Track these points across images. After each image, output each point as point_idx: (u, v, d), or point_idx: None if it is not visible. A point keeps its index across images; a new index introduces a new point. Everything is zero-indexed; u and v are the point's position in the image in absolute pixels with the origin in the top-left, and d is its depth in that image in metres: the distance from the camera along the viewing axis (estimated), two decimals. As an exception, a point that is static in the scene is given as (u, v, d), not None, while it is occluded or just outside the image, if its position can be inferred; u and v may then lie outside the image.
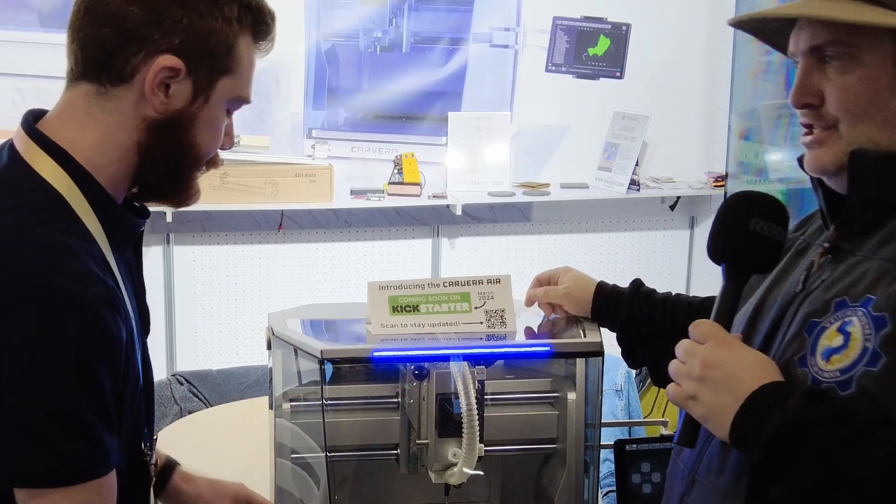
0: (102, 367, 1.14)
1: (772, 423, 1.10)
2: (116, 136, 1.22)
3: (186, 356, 4.01)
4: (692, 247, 4.47)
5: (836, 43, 1.20)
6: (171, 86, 1.22)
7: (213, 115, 1.28)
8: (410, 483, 1.87)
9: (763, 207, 1.27)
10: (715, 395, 1.15)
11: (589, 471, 1.80)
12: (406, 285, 1.70)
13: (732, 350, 1.18)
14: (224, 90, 1.27)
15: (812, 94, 1.23)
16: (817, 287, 1.23)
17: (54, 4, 3.73)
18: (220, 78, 1.25)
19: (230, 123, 1.34)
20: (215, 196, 3.71)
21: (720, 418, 1.15)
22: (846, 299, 1.17)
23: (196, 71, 1.23)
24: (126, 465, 1.25)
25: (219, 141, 1.31)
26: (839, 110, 1.21)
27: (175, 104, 1.23)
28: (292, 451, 1.81)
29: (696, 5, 4.25)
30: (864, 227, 1.22)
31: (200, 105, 1.25)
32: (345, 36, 4.02)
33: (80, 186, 1.20)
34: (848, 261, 1.22)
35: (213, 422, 2.93)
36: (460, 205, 3.95)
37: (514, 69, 4.18)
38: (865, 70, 1.18)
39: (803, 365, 1.18)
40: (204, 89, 1.25)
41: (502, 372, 1.88)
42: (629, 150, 4.10)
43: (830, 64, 1.21)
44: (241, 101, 1.32)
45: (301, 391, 1.81)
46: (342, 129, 4.08)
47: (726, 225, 1.29)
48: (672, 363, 1.22)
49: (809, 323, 1.20)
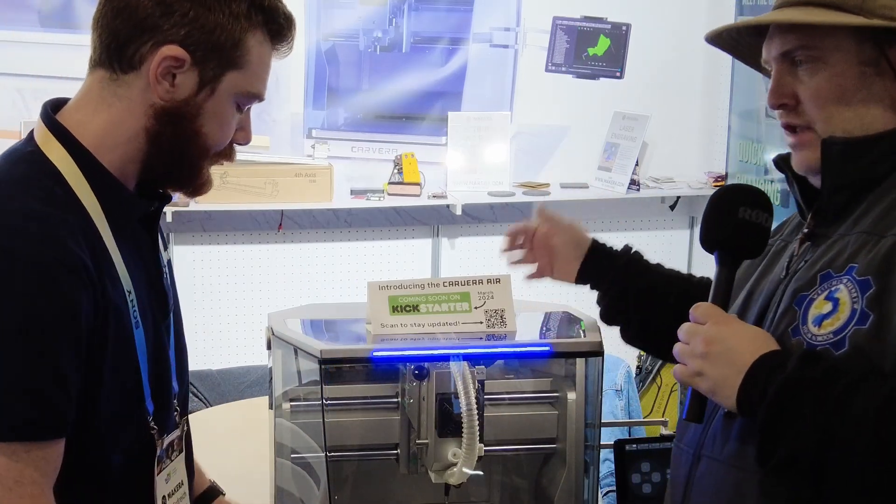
0: (55, 330, 1.18)
1: (773, 386, 1.18)
2: (125, 121, 1.29)
3: (186, 356, 4.01)
4: (692, 247, 4.47)
5: (804, 47, 1.31)
6: (176, 76, 1.27)
7: (220, 108, 1.32)
8: (410, 483, 1.87)
9: (749, 197, 1.35)
10: (718, 369, 1.23)
11: (589, 471, 1.80)
12: (406, 285, 1.70)
13: (730, 326, 1.26)
14: (232, 84, 1.31)
15: (787, 95, 1.34)
16: (801, 268, 1.31)
17: (54, 4, 3.73)
18: (227, 72, 1.30)
19: (247, 119, 1.39)
20: (215, 196, 3.70)
21: (726, 389, 1.22)
22: (830, 271, 1.26)
23: (202, 63, 1.28)
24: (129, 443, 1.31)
25: (227, 134, 1.35)
26: (814, 109, 1.31)
27: (181, 94, 1.29)
28: (292, 451, 1.81)
29: (696, 5, 4.25)
30: (837, 210, 1.31)
31: (206, 96, 1.30)
32: (345, 36, 4.02)
33: (80, 165, 1.27)
34: (826, 243, 1.31)
35: (213, 422, 2.94)
36: (460, 205, 3.95)
37: (514, 69, 4.18)
38: (833, 69, 1.29)
39: (797, 335, 1.26)
40: (210, 81, 1.29)
41: (502, 372, 1.88)
42: (629, 150, 4.10)
43: (801, 67, 1.32)
44: (253, 98, 1.36)
45: (301, 391, 1.81)
46: (342, 129, 4.08)
47: (717, 214, 1.37)
48: (676, 345, 1.29)
49: (798, 297, 1.29)
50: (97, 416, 1.26)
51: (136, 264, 1.32)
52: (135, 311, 1.30)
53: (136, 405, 1.33)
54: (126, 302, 1.28)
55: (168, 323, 1.43)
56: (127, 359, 1.29)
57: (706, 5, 4.24)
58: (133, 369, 1.31)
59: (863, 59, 1.28)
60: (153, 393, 1.35)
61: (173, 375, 1.44)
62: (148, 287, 1.36)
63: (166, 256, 1.47)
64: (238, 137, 1.38)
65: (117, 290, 1.27)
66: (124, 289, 1.28)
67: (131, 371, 1.30)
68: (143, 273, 1.35)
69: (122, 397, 1.30)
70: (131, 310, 1.29)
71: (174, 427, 1.43)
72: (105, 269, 1.25)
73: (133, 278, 1.30)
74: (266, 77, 1.37)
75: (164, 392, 1.39)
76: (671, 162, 4.31)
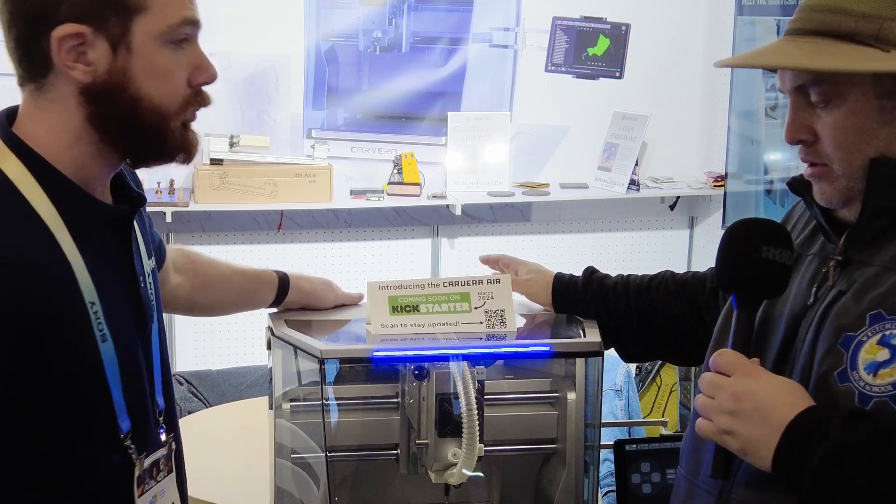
0: None
1: (818, 452, 1.10)
2: (65, 120, 1.23)
3: (186, 356, 4.01)
4: (691, 247, 4.48)
5: (819, 82, 1.22)
6: (87, 52, 1.20)
7: (150, 61, 1.22)
8: (410, 483, 1.87)
9: (771, 235, 1.28)
10: (750, 428, 1.16)
11: (589, 471, 1.80)
12: (406, 285, 1.70)
13: (759, 379, 1.18)
14: (146, 30, 1.21)
15: (804, 130, 1.25)
16: (835, 298, 1.24)
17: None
18: (133, 20, 1.20)
19: (197, 55, 1.27)
20: (215, 196, 3.72)
21: (760, 450, 1.15)
22: (881, 312, 1.17)
23: (102, 26, 1.19)
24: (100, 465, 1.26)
25: (175, 85, 1.25)
26: (833, 149, 1.23)
27: (100, 67, 1.20)
28: (292, 451, 1.81)
29: (696, 5, 4.26)
30: (875, 235, 1.23)
31: (126, 57, 1.21)
32: (344, 36, 4.02)
33: (34, 173, 1.21)
34: (865, 271, 1.23)
35: (212, 422, 2.94)
36: (460, 205, 3.95)
37: (514, 69, 4.19)
38: (850, 105, 1.21)
39: (845, 380, 1.18)
40: (120, 39, 1.20)
41: (502, 372, 1.88)
42: (629, 150, 4.10)
43: (816, 101, 1.23)
44: (181, 28, 1.23)
45: (301, 391, 1.81)
46: (342, 129, 4.08)
47: (737, 254, 1.29)
48: (698, 398, 1.22)
49: (844, 337, 1.20)
50: (44, 441, 1.21)
51: (106, 273, 1.26)
52: (100, 323, 1.23)
53: (105, 423, 1.27)
54: (87, 314, 1.22)
55: (149, 334, 1.36)
56: (88, 374, 1.23)
57: (706, 5, 4.24)
58: (98, 385, 1.24)
59: (881, 93, 1.20)
60: (129, 409, 1.29)
61: (158, 390, 1.38)
62: (123, 296, 1.30)
63: (151, 265, 1.40)
64: (197, 78, 1.26)
65: (75, 302, 1.21)
66: (85, 300, 1.22)
67: (95, 387, 1.24)
68: (117, 282, 1.29)
69: (84, 416, 1.24)
70: (94, 322, 1.23)
71: (159, 446, 1.37)
72: (60, 282, 1.20)
73: (102, 288, 1.24)
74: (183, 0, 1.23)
75: (143, 408, 1.33)
76: (671, 162, 4.31)
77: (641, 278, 1.77)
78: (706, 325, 1.64)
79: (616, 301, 1.75)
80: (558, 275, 1.83)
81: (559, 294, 1.81)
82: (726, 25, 4.08)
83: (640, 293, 1.74)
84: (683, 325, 1.70)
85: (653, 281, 1.75)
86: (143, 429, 1.33)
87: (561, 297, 1.80)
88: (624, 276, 1.79)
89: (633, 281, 1.77)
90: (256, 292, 1.81)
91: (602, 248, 4.38)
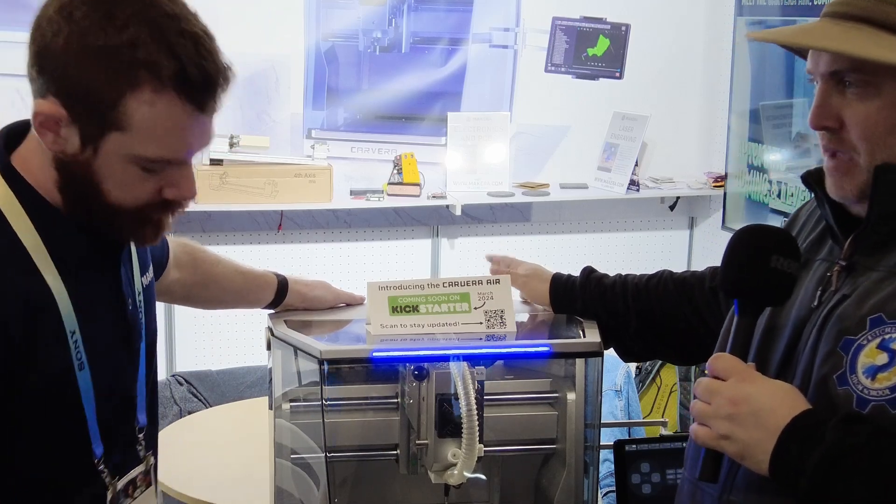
0: None
1: (814, 455, 1.10)
2: (49, 166, 1.24)
3: (186, 356, 4.01)
4: (691, 247, 4.48)
5: (857, 70, 1.19)
6: (60, 130, 1.19)
7: (112, 169, 1.21)
8: (410, 483, 1.87)
9: (781, 244, 1.26)
10: (748, 432, 1.15)
11: (589, 471, 1.80)
12: (406, 285, 1.70)
13: (756, 383, 1.18)
14: (117, 146, 1.19)
15: (831, 117, 1.22)
16: (838, 302, 1.23)
17: (54, 5, 3.73)
18: (109, 132, 1.19)
19: (181, 174, 1.25)
20: (215, 196, 3.71)
21: (757, 454, 1.14)
22: (882, 316, 1.17)
23: (81, 121, 1.19)
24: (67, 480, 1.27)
25: (135, 195, 1.23)
26: (860, 139, 1.21)
27: (70, 147, 1.21)
28: (292, 452, 1.81)
29: (696, 5, 4.25)
30: (881, 240, 1.22)
31: (91, 156, 1.20)
32: (344, 36, 4.02)
33: (21, 200, 1.22)
34: (869, 276, 1.22)
35: (212, 422, 2.94)
36: (460, 205, 3.95)
37: (514, 69, 4.18)
38: (885, 100, 1.19)
39: (844, 384, 1.18)
40: (91, 140, 1.20)
41: (502, 372, 1.88)
42: (628, 150, 4.10)
43: (850, 89, 1.21)
44: (156, 163, 1.21)
45: (301, 391, 1.81)
46: (341, 129, 4.08)
47: (745, 261, 1.27)
48: (695, 404, 1.21)
49: (844, 340, 1.19)
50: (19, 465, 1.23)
51: (91, 299, 1.27)
52: (79, 352, 1.24)
53: (79, 449, 1.28)
54: (67, 343, 1.23)
55: (135, 355, 1.37)
56: (65, 401, 1.24)
57: (706, 5, 4.24)
58: (73, 412, 1.26)
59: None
60: (103, 434, 1.30)
61: (142, 408, 1.39)
62: (109, 318, 1.31)
63: (146, 280, 1.40)
64: (168, 193, 1.25)
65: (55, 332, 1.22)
66: (66, 330, 1.23)
67: (70, 414, 1.25)
68: (102, 305, 1.30)
69: (58, 442, 1.26)
70: (73, 351, 1.23)
71: (137, 463, 1.39)
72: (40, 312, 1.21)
73: (84, 315, 1.25)
74: (171, 139, 1.21)
75: (122, 430, 1.35)
76: (671, 162, 4.31)
77: (640, 278, 1.77)
78: (705, 324, 1.64)
79: (614, 300, 1.76)
80: (556, 275, 1.84)
81: (557, 294, 1.81)
82: (726, 25, 4.08)
83: (639, 292, 1.75)
84: (682, 324, 1.71)
85: (651, 280, 1.76)
86: (120, 450, 1.35)
87: (559, 296, 1.81)
88: (622, 276, 1.80)
89: (631, 280, 1.77)
90: (254, 293, 1.83)
91: (602, 249, 4.38)
